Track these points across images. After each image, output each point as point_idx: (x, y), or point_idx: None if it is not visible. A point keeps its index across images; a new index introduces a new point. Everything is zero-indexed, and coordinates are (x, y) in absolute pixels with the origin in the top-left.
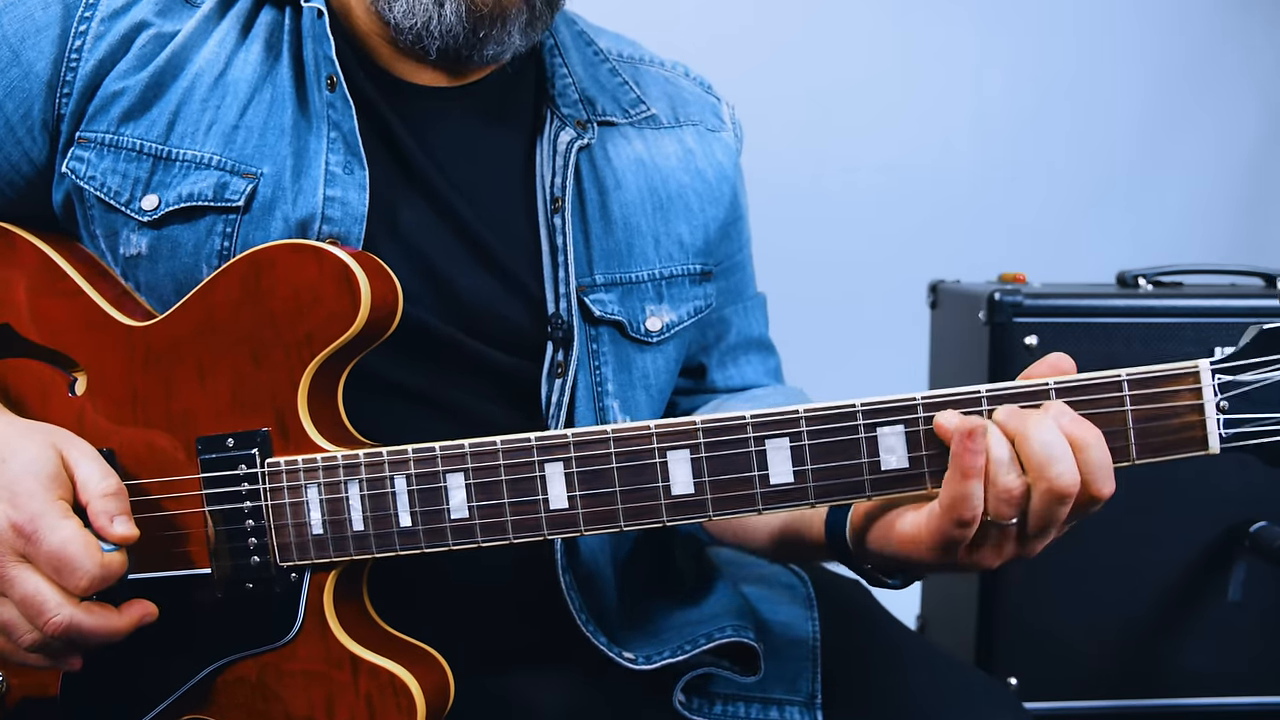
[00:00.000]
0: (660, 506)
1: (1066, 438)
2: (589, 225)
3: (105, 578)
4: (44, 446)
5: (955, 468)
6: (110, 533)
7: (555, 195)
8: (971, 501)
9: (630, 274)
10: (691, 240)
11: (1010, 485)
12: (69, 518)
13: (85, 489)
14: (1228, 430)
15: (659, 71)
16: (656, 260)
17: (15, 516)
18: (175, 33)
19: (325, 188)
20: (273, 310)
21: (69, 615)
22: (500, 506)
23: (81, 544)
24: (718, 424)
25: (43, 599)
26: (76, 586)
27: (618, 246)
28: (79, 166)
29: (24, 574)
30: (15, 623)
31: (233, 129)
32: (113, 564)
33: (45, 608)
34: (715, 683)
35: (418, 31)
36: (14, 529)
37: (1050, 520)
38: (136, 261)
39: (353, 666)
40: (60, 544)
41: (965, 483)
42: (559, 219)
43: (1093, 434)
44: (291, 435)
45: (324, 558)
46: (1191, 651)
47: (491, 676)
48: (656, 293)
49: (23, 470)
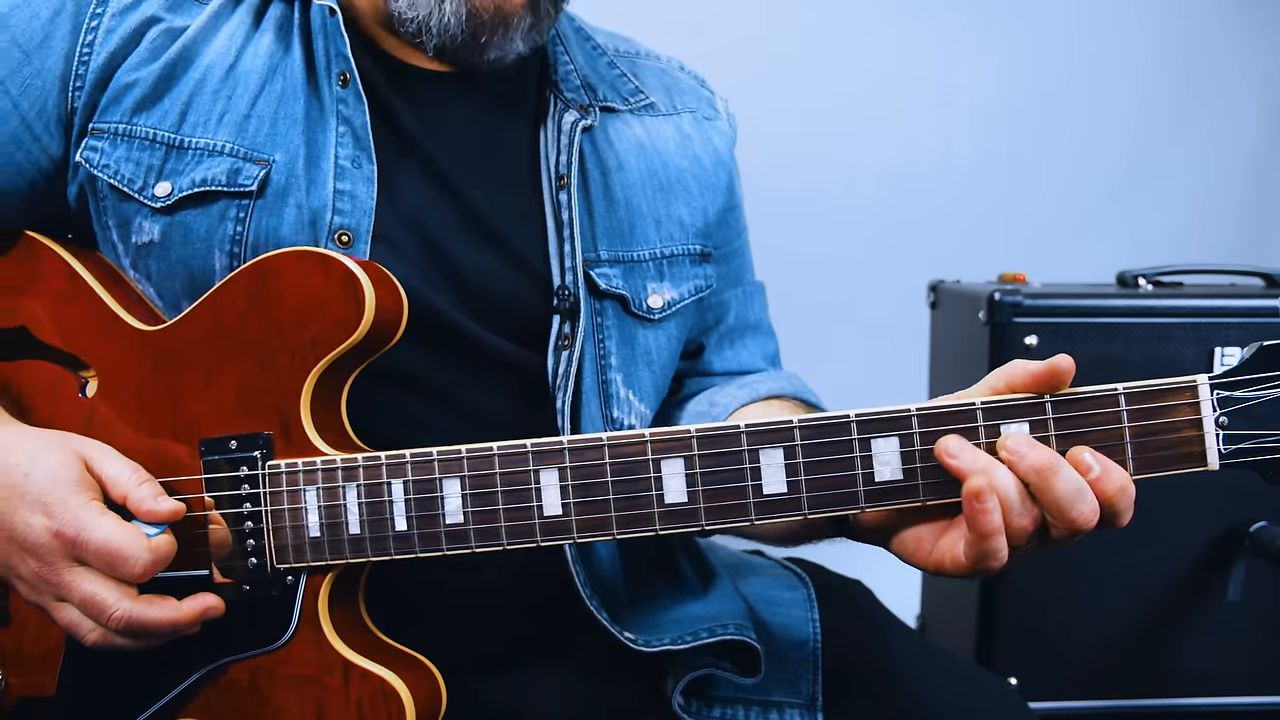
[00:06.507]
0: (654, 515)
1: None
2: (593, 204)
3: (157, 561)
4: (65, 453)
5: (973, 530)
6: (158, 511)
7: (561, 173)
8: (998, 554)
9: (633, 252)
10: (691, 221)
11: (1025, 525)
12: (106, 513)
13: (118, 484)
14: (1227, 447)
15: (655, 64)
16: (657, 240)
17: (54, 525)
18: (185, 27)
19: (335, 181)
20: (279, 316)
21: (128, 609)
22: (495, 513)
23: (126, 534)
24: (712, 433)
25: (102, 598)
26: (132, 574)
27: (620, 225)
28: (93, 156)
29: (80, 576)
30: (79, 622)
31: (244, 118)
32: (161, 546)
33: (105, 605)
34: (714, 685)
35: (418, 24)
36: (56, 537)
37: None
38: (148, 249)
39: (344, 672)
40: (106, 538)
41: (985, 542)
42: (564, 195)
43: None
44: (294, 439)
45: (320, 560)
46: (1191, 651)
47: (488, 680)
48: (658, 271)
49: (50, 479)
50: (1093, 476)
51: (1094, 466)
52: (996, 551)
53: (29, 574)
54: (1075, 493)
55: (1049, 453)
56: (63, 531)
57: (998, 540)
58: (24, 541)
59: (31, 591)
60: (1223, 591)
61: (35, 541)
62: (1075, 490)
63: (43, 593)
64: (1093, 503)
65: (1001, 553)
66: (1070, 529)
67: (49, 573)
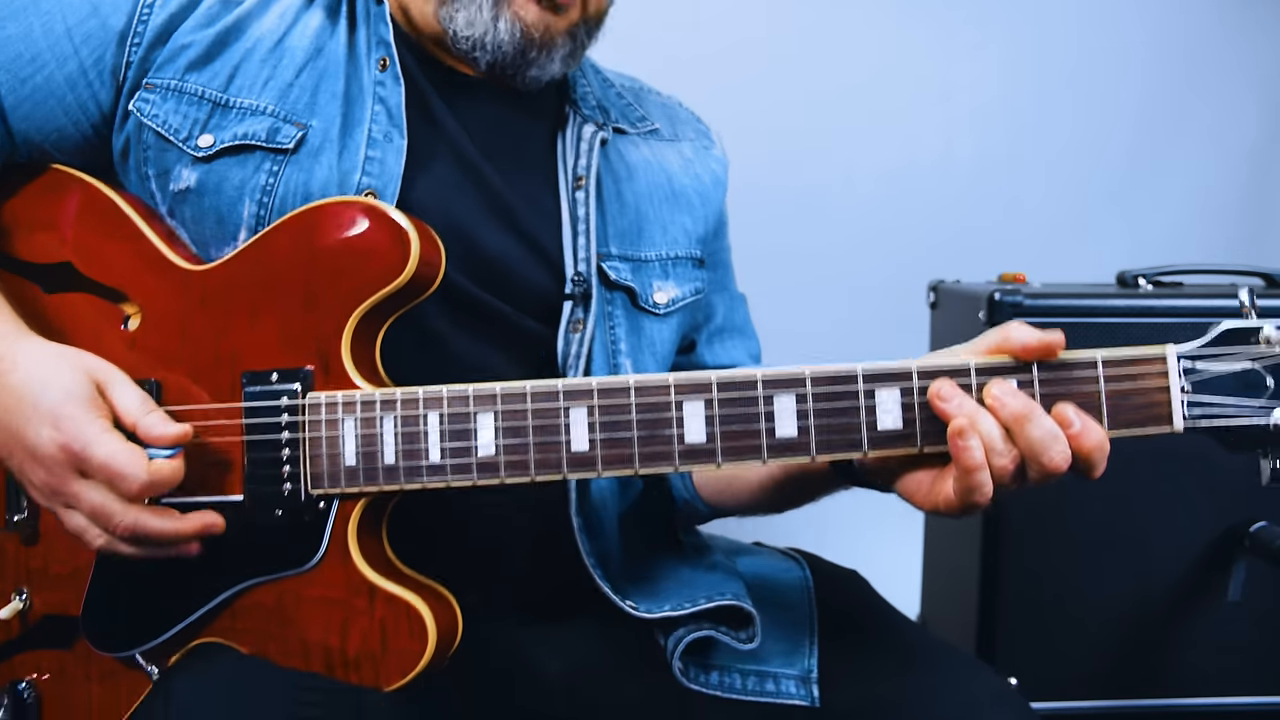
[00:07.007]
0: (674, 452)
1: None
2: (605, 206)
3: (154, 483)
4: (78, 371)
5: (959, 466)
6: (166, 434)
7: (579, 174)
8: (982, 488)
9: (641, 253)
10: (694, 229)
11: (1005, 465)
12: (111, 432)
13: (129, 412)
14: (1191, 411)
15: (658, 99)
16: (664, 244)
17: (61, 439)
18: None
19: (367, 149)
20: (328, 258)
21: (134, 517)
22: (525, 446)
23: (128, 453)
24: (731, 380)
25: (109, 508)
26: (129, 493)
27: (630, 227)
28: (144, 106)
29: (88, 488)
30: (86, 527)
31: (288, 86)
32: (162, 469)
33: (112, 513)
34: (713, 652)
35: (473, 42)
36: (62, 450)
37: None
38: (184, 196)
39: (369, 594)
40: (108, 456)
41: (969, 476)
42: (581, 194)
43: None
44: (333, 374)
45: (354, 486)
46: (1191, 651)
47: (497, 638)
48: (663, 270)
49: (63, 395)
50: (1073, 430)
51: (1075, 422)
52: (981, 486)
53: (39, 482)
54: (1049, 438)
55: (1026, 401)
56: (69, 445)
57: (980, 475)
58: (34, 451)
59: (42, 497)
60: (1223, 591)
61: (44, 453)
62: (1049, 436)
63: (52, 500)
64: (1064, 450)
65: (986, 488)
66: (1043, 471)
67: (57, 483)
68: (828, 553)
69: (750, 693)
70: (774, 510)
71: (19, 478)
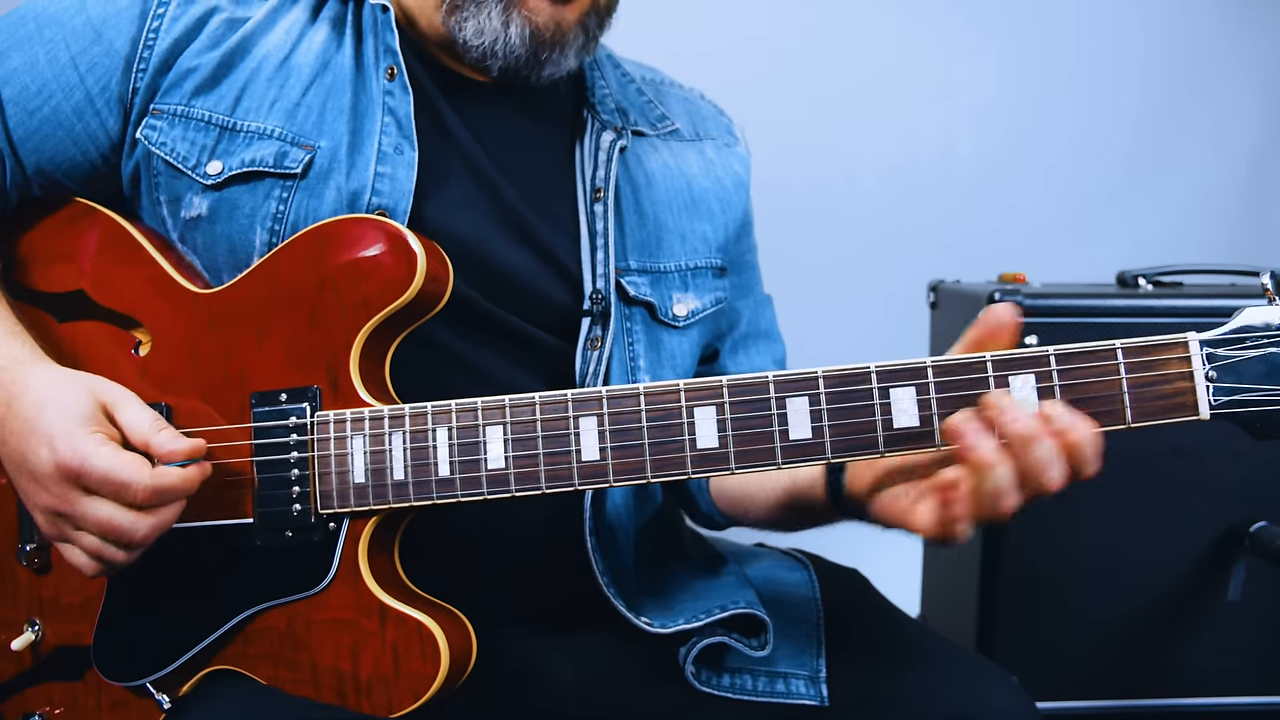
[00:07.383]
0: (686, 459)
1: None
2: (624, 217)
3: (159, 489)
4: (81, 392)
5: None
6: (177, 449)
7: (597, 186)
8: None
9: (660, 264)
10: (714, 237)
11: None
12: (109, 445)
13: (140, 431)
14: (1217, 398)
15: (679, 92)
16: (683, 254)
17: (57, 457)
18: (246, 19)
19: (377, 164)
20: (334, 276)
21: (150, 523)
22: (534, 458)
23: (126, 460)
24: (742, 383)
25: (118, 520)
26: (135, 499)
27: (649, 239)
28: (152, 134)
29: (93, 503)
30: (101, 548)
31: (295, 106)
32: (168, 473)
33: (123, 524)
34: (725, 656)
35: (484, 50)
36: (59, 468)
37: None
38: (195, 223)
39: (381, 615)
40: (108, 467)
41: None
42: (599, 207)
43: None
44: (341, 392)
45: (363, 505)
46: (1191, 651)
47: (511, 646)
48: (682, 282)
49: (59, 415)
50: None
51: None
52: (961, 535)
53: (44, 505)
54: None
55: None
56: (65, 462)
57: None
58: (34, 473)
59: (51, 526)
60: (1223, 591)
61: (43, 473)
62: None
63: (59, 524)
64: (1063, 468)
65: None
66: (1041, 489)
67: (60, 503)
68: (829, 552)
69: (761, 693)
70: (789, 531)
71: (27, 504)
